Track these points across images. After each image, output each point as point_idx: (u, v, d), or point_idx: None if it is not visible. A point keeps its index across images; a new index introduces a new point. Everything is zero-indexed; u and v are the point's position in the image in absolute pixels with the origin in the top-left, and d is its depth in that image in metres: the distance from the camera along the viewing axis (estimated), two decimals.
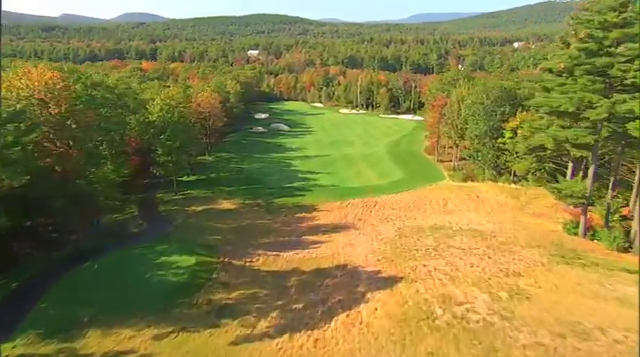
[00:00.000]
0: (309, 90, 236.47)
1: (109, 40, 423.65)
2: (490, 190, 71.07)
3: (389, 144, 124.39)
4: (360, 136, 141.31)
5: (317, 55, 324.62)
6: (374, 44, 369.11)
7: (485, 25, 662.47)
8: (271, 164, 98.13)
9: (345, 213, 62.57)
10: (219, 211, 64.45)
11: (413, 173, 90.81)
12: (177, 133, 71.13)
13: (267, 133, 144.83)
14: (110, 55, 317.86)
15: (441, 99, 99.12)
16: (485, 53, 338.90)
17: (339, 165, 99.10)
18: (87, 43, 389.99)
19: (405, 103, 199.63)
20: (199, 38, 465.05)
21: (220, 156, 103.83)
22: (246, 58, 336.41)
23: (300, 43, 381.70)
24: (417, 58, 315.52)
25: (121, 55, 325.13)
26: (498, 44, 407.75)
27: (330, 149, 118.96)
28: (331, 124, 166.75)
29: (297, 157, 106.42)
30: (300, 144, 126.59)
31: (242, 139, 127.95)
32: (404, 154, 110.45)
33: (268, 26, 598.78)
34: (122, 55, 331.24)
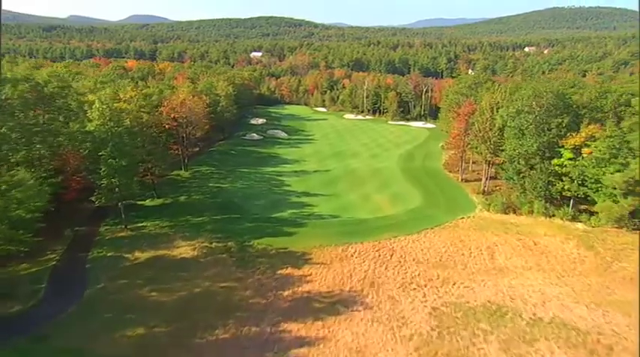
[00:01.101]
0: (312, 93, 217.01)
1: (111, 40, 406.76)
2: (548, 231, 51.09)
3: (401, 157, 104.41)
4: (367, 146, 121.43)
5: (322, 57, 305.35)
6: (380, 47, 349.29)
7: (492, 30, 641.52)
8: (259, 183, 78.45)
9: (350, 270, 42.77)
10: (171, 261, 44.82)
11: (435, 198, 70.94)
12: (125, 148, 51.52)
13: (262, 141, 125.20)
14: (108, 55, 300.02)
15: (468, 106, 79.01)
16: (496, 57, 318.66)
17: (342, 185, 79.35)
18: (87, 43, 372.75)
19: (416, 108, 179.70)
20: (203, 40, 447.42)
21: (200, 171, 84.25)
22: (248, 59, 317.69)
23: (304, 45, 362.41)
24: (425, 62, 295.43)
25: (119, 55, 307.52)
26: (508, 49, 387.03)
27: (332, 162, 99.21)
28: (335, 131, 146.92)
29: (293, 173, 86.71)
30: (298, 155, 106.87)
31: (231, 149, 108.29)
32: (420, 170, 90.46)
33: (273, 29, 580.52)
34: (120, 55, 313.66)
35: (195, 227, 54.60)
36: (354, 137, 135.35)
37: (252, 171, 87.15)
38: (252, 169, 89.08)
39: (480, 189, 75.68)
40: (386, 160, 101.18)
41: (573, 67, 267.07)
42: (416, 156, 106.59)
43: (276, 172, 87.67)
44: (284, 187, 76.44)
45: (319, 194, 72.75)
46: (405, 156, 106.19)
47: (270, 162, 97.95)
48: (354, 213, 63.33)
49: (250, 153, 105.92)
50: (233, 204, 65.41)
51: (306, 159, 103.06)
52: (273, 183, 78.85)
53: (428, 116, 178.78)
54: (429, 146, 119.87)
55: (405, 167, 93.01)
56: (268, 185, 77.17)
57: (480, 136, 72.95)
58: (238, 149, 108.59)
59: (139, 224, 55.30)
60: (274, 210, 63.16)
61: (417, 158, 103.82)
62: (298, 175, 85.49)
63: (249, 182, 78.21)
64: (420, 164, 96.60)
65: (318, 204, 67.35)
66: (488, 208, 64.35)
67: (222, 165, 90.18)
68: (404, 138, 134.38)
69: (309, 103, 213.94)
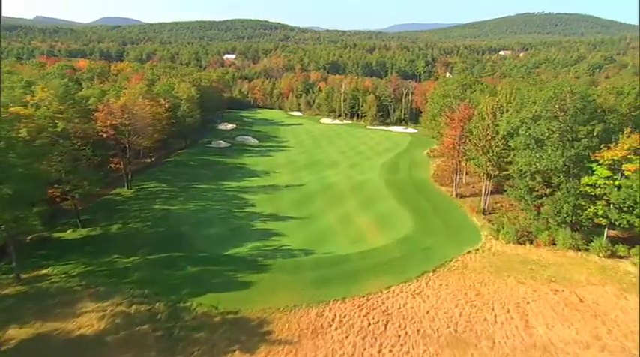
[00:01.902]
0: (287, 97, 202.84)
1: (77, 41, 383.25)
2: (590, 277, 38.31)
3: (384, 167, 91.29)
4: (346, 154, 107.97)
5: (297, 59, 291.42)
6: (357, 50, 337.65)
7: (466, 35, 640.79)
8: (218, 203, 63.82)
9: (327, 353, 28.58)
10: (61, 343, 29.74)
11: (429, 221, 57.87)
12: (12, 171, 36.28)
13: (229, 149, 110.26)
14: (71, 56, 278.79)
15: (464, 110, 66.23)
16: (473, 60, 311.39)
17: (318, 203, 65.58)
18: (50, 44, 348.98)
19: (396, 112, 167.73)
20: (175, 42, 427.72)
21: (147, 189, 69.02)
22: (220, 61, 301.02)
23: (279, 48, 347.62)
24: (403, 65, 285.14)
25: (83, 56, 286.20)
26: (484, 52, 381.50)
27: (307, 174, 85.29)
28: (310, 137, 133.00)
29: (260, 189, 72.39)
30: (269, 165, 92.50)
31: (191, 160, 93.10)
32: (407, 183, 77.44)
33: (249, 32, 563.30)
34: (85, 56, 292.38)
35: (117, 275, 39.64)
36: (332, 144, 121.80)
37: (212, 187, 72.32)
38: (213, 184, 74.22)
39: (479, 207, 62.97)
40: (367, 171, 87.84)
41: (550, 70, 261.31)
42: (400, 166, 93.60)
43: (240, 188, 73.07)
44: (248, 209, 61.97)
45: (290, 217, 58.69)
46: (389, 165, 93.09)
47: (236, 175, 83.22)
48: (333, 244, 49.51)
49: (213, 164, 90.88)
50: (178, 235, 50.64)
51: (277, 170, 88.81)
52: (234, 203, 64.24)
53: (408, 120, 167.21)
54: (413, 154, 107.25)
55: (390, 180, 79.78)
56: (228, 206, 62.52)
57: (479, 146, 60.23)
58: (199, 160, 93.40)
59: (40, 271, 40.00)
60: (230, 243, 48.68)
61: (402, 168, 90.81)
62: (267, 192, 71.16)
63: (206, 202, 63.40)
64: (407, 176, 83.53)
65: (287, 232, 53.27)
66: (496, 235, 51.47)
67: (177, 180, 75.01)
68: (385, 144, 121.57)
69: (284, 107, 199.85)
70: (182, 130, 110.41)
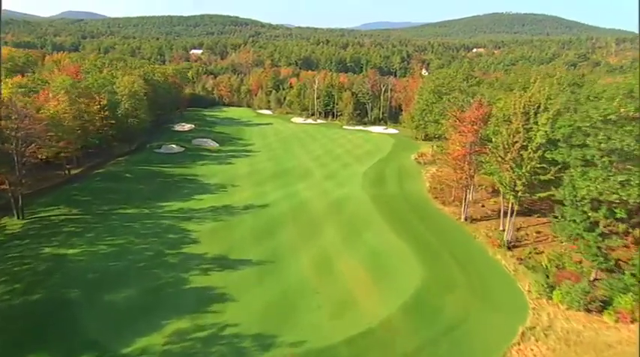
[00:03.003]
0: (256, 94, 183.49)
1: (30, 34, 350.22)
2: None
3: (367, 177, 73.82)
4: (321, 159, 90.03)
5: (267, 55, 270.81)
6: (330, 46, 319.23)
7: (437, 33, 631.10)
8: (143, 240, 44.49)
9: None
10: None
11: (442, 266, 40.58)
12: None
13: (182, 155, 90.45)
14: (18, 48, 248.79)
15: (478, 109, 48.98)
16: (449, 57, 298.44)
17: (285, 235, 47.34)
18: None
19: (374, 111, 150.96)
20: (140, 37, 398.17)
21: (46, 217, 48.93)
22: (186, 57, 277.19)
23: (249, 43, 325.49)
24: (378, 61, 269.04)
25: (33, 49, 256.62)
26: (458, 50, 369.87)
27: (273, 188, 66.90)
28: (280, 139, 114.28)
29: (209, 214, 53.54)
30: (227, 177, 73.58)
31: (129, 170, 73.03)
32: (399, 201, 60.03)
33: (218, 27, 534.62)
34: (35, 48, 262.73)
35: None
36: (304, 147, 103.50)
37: (144, 212, 52.83)
38: (146, 207, 54.69)
39: (500, 238, 46.09)
40: (348, 183, 70.06)
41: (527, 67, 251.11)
42: (387, 175, 76.30)
43: (183, 211, 53.85)
44: (186, 248, 42.94)
45: (245, 262, 40.24)
46: (373, 175, 75.63)
47: (182, 191, 63.86)
48: (305, 321, 31.39)
49: (155, 175, 71.06)
50: (59, 308, 31.30)
51: (237, 183, 69.94)
52: (169, 239, 45.06)
53: (388, 120, 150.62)
54: (399, 159, 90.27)
55: (378, 195, 62.14)
56: (158, 245, 43.29)
57: (504, 158, 43.19)
58: (139, 170, 73.25)
59: None
60: (142, 325, 29.70)
61: (389, 179, 73.45)
62: (218, 217, 52.32)
63: (126, 239, 43.88)
64: (397, 190, 66.09)
65: (238, 293, 34.89)
66: (548, 292, 34.33)
67: (98, 202, 55.03)
68: (365, 147, 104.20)
69: (252, 105, 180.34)
70: (125, 133, 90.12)
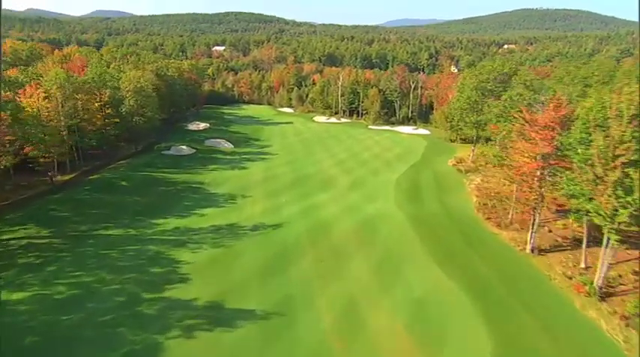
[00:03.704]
0: (277, 91, 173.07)
1: (58, 32, 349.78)
2: None
3: (400, 188, 62.28)
4: (345, 164, 78.81)
5: (290, 51, 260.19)
6: (355, 42, 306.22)
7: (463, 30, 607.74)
8: (117, 277, 34.13)
9: None
10: None
11: (520, 332, 28.88)
12: None
13: (191, 158, 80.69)
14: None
15: (557, 111, 36.68)
16: (480, 54, 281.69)
17: (301, 270, 36.46)
18: (27, 33, 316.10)
19: (402, 109, 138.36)
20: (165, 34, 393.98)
21: (5, 241, 39.15)
22: (208, 53, 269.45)
23: (272, 39, 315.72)
24: (405, 58, 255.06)
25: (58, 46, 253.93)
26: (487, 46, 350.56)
27: (289, 201, 56.22)
28: (301, 139, 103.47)
29: (209, 237, 43.08)
30: (238, 185, 63.17)
31: (126, 176, 63.36)
32: (443, 223, 48.23)
33: (242, 25, 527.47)
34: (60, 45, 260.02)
35: None
36: (327, 149, 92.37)
37: (130, 233, 42.68)
38: (134, 226, 44.56)
39: (586, 282, 33.92)
40: (378, 195, 58.63)
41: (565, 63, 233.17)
42: (423, 185, 64.41)
43: (177, 233, 43.49)
44: (168, 292, 32.24)
45: (246, 316, 29.41)
46: (407, 185, 63.91)
47: (182, 203, 53.62)
48: None
49: (156, 184, 61.09)
50: None
51: (248, 193, 59.41)
52: (150, 276, 34.51)
53: (417, 119, 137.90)
54: (435, 165, 78.22)
55: (416, 214, 50.47)
56: (136, 285, 32.73)
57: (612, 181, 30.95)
58: (137, 177, 63.43)
59: None
60: None
61: (427, 191, 61.56)
62: (218, 242, 41.78)
63: (95, 276, 33.47)
64: (438, 206, 54.17)
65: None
66: None
67: (76, 219, 45.24)
68: (395, 150, 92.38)
69: (273, 103, 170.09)
70: (131, 133, 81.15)
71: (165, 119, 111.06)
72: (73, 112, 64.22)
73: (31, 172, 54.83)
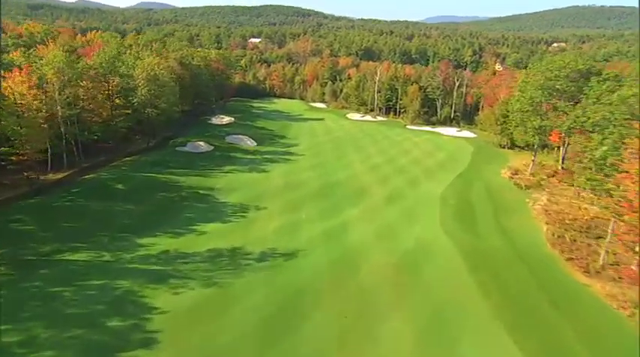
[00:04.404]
0: (311, 85, 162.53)
1: (101, 22, 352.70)
2: None
3: (447, 204, 50.76)
4: (381, 171, 67.45)
5: (326, 44, 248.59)
6: (394, 36, 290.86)
7: (507, 28, 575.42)
8: (56, 334, 24.27)
9: None
10: None
11: None
12: None
13: (208, 156, 71.52)
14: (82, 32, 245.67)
15: None
16: (528, 51, 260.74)
17: (317, 334, 25.75)
18: (72, 23, 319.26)
19: (444, 109, 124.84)
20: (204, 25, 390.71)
21: None
22: (243, 44, 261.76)
23: (308, 32, 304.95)
24: (447, 54, 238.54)
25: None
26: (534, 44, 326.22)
27: (312, 218, 45.65)
28: (331, 139, 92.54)
29: (200, 267, 32.98)
30: (253, 193, 53.19)
31: (126, 177, 54.38)
32: (510, 263, 36.11)
33: (280, 18, 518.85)
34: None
35: None
36: (360, 151, 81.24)
37: (101, 259, 33.21)
38: (110, 249, 35.12)
39: None
40: (421, 216, 47.18)
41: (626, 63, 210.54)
42: (475, 203, 52.25)
43: (164, 259, 33.80)
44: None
45: None
46: (456, 203, 52.00)
47: (182, 216, 43.97)
48: None
49: (156, 188, 51.70)
50: None
51: (263, 203, 49.24)
52: (102, 335, 24.51)
53: (461, 120, 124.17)
54: (485, 176, 65.65)
55: (471, 249, 38.63)
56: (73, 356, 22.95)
57: None
58: (139, 178, 54.29)
59: None
60: None
61: (480, 211, 49.42)
62: (211, 276, 31.82)
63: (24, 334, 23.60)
64: (498, 235, 42.06)
65: None
66: None
67: (41, 234, 36.21)
68: (438, 156, 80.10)
69: (306, 97, 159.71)
70: (146, 125, 72.92)
71: (189, 111, 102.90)
72: (73, 100, 55.95)
73: (16, 168, 46.63)
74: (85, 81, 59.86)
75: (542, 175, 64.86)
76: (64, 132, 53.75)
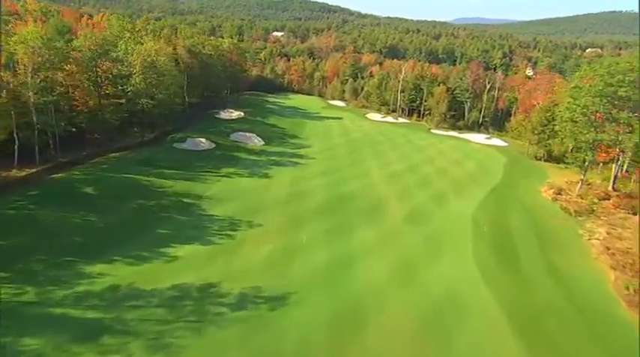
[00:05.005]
0: (331, 81, 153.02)
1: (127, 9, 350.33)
2: None
3: (480, 230, 40.45)
4: (402, 182, 57.77)
5: (350, 41, 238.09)
6: (421, 35, 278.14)
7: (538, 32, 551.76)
8: None
9: None
10: None
11: None
12: None
13: (207, 154, 63.17)
14: None
15: None
16: (562, 56, 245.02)
17: None
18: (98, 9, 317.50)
19: (472, 113, 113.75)
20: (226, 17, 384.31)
21: None
22: (265, 37, 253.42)
23: (332, 28, 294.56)
24: (475, 55, 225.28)
25: None
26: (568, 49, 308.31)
27: (314, 242, 36.55)
28: (347, 141, 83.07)
29: (148, 317, 24.34)
30: (246, 204, 44.39)
31: (97, 179, 46.14)
32: (573, 331, 26.08)
33: (306, 13, 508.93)
34: None
35: None
36: (378, 157, 71.64)
37: (20, 300, 24.87)
38: (41, 280, 26.86)
39: None
40: (449, 246, 37.63)
41: None
42: (515, 232, 42.26)
43: (107, 302, 25.30)
44: None
45: None
46: (491, 228, 42.17)
47: (154, 232, 35.48)
48: None
49: (133, 192, 43.29)
50: None
51: (257, 219, 40.31)
52: None
53: (489, 126, 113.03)
54: (523, 195, 55.47)
55: (520, 307, 28.84)
56: None
57: None
58: (117, 180, 45.96)
59: None
60: None
61: (522, 243, 39.50)
62: (162, 338, 22.92)
63: None
64: (555, 287, 32.07)
65: None
66: None
67: None
68: (466, 166, 69.92)
69: (325, 94, 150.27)
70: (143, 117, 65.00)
71: (197, 104, 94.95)
72: (50, 86, 47.99)
73: None
74: (69, 64, 51.96)
75: (593, 198, 54.14)
76: (35, 121, 45.84)
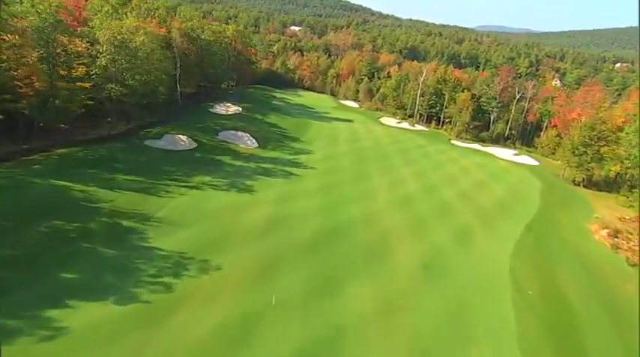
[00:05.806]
0: (345, 79, 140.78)
1: None
2: None
3: (522, 295, 27.98)
4: (416, 209, 45.24)
5: (369, 39, 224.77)
6: (443, 38, 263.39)
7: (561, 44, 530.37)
8: None
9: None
10: None
11: None
12: None
13: (182, 156, 51.57)
14: None
15: None
16: (592, 69, 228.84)
17: None
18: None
19: (498, 124, 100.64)
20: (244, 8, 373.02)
21: None
22: (281, 31, 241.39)
23: (352, 25, 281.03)
24: (500, 62, 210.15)
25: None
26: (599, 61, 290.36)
27: (289, 303, 24.20)
28: (354, 149, 70.78)
29: None
30: (208, 233, 32.70)
31: (10, 187, 34.12)
32: None
33: (327, 10, 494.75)
34: None
35: None
36: (389, 172, 59.33)
37: None
38: None
39: None
40: (480, 324, 25.03)
41: None
42: (572, 300, 29.51)
43: None
44: None
45: None
46: (538, 296, 29.45)
47: (56, 274, 23.89)
48: None
49: (53, 210, 31.74)
50: None
51: (217, 259, 28.58)
52: None
53: (516, 140, 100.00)
54: (569, 236, 42.83)
55: None
56: None
57: None
58: (40, 189, 34.44)
59: None
60: None
61: (588, 324, 26.63)
62: None
63: None
64: None
65: None
66: None
67: None
68: (494, 190, 57.34)
69: (337, 93, 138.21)
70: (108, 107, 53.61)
71: (192, 95, 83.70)
72: None
73: None
74: (9, 35, 40.62)
75: None
76: None
